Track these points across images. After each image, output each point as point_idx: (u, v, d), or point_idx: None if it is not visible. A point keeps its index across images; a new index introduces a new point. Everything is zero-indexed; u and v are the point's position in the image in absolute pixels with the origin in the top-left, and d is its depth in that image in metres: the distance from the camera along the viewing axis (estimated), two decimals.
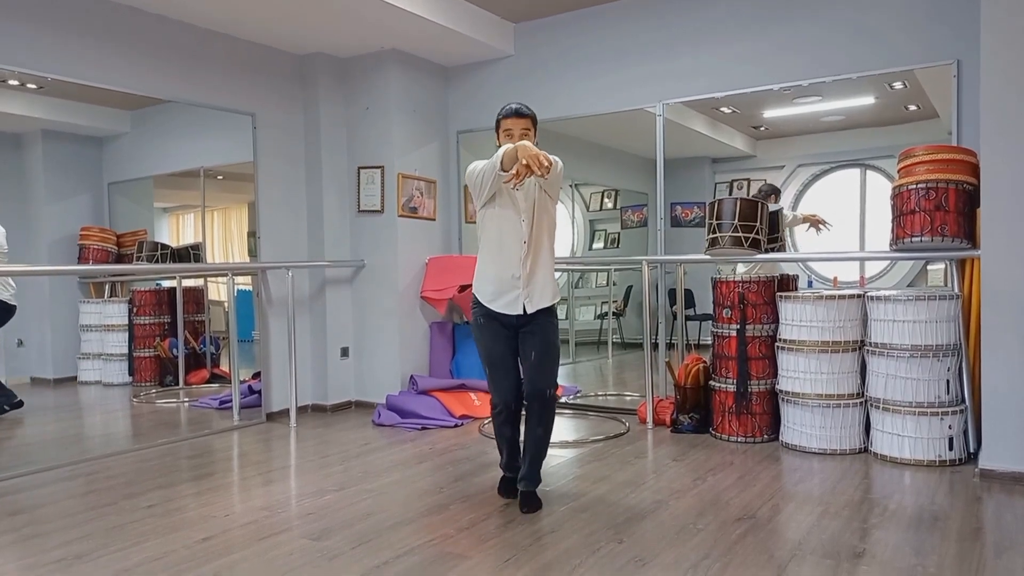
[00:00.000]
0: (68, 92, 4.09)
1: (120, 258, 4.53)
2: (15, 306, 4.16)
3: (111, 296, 4.75)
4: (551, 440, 3.09)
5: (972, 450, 3.55)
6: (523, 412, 3.05)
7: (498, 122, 3.04)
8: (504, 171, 2.81)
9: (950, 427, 3.51)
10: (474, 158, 5.59)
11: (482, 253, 3.07)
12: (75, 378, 4.57)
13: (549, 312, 3.05)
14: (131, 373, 4.79)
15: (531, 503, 2.99)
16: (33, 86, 3.95)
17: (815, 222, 4.54)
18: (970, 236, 3.53)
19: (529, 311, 2.98)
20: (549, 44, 5.10)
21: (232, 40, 4.74)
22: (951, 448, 3.51)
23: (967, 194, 3.53)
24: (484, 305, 3.03)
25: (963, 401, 3.57)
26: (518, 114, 2.99)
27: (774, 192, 4.63)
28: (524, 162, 2.66)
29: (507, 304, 2.98)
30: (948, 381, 3.55)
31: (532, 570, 2.39)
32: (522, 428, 3.07)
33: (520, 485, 3.04)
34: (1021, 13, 3.18)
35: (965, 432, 3.56)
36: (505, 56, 5.25)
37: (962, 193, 3.51)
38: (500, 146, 2.99)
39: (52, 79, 3.90)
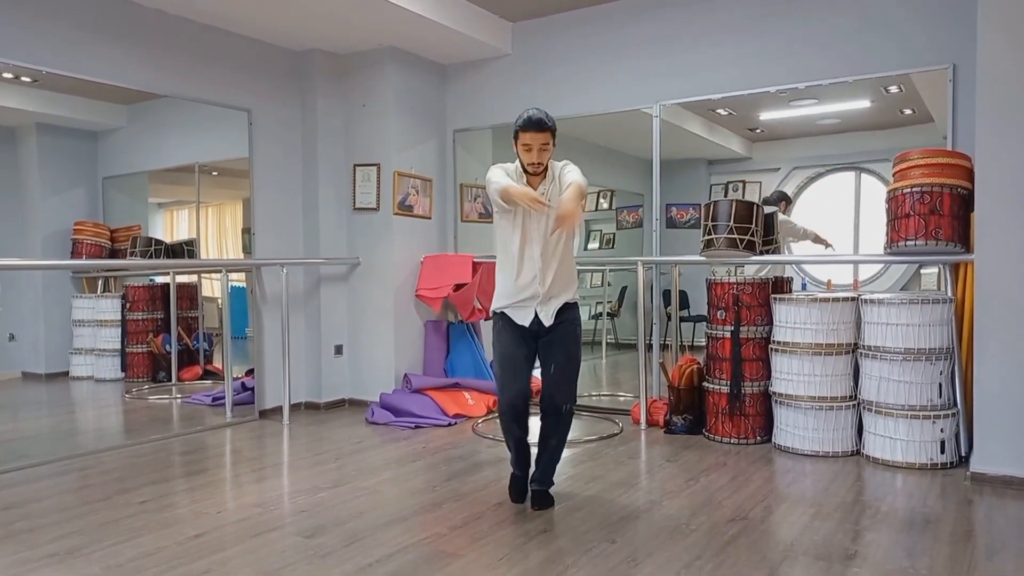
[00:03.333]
0: (63, 86, 4.07)
1: (114, 253, 4.51)
2: None
3: (104, 291, 4.73)
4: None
5: (964, 453, 3.57)
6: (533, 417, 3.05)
7: (516, 132, 2.89)
8: (505, 204, 2.84)
9: (942, 430, 3.53)
10: (471, 157, 5.64)
11: (499, 263, 3.07)
12: (67, 373, 4.54)
13: (573, 318, 3.04)
14: (124, 369, 4.76)
15: (543, 502, 3.03)
16: (28, 79, 3.93)
17: (822, 241, 4.52)
18: (964, 240, 3.55)
19: (546, 323, 2.98)
20: (547, 44, 5.10)
21: (229, 35, 4.73)
22: (943, 451, 3.53)
23: (962, 198, 3.54)
24: (503, 312, 3.04)
25: (955, 404, 3.59)
26: (539, 127, 2.81)
27: (784, 199, 4.59)
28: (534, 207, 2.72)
29: (522, 316, 2.99)
30: (940, 384, 3.56)
31: (525, 569, 2.40)
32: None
33: (532, 485, 3.08)
34: (1017, 18, 3.19)
35: (957, 435, 3.57)
36: (503, 55, 5.25)
37: (957, 197, 3.53)
38: (518, 156, 2.94)
39: (47, 72, 3.88)
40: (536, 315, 2.97)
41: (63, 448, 3.95)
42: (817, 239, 4.55)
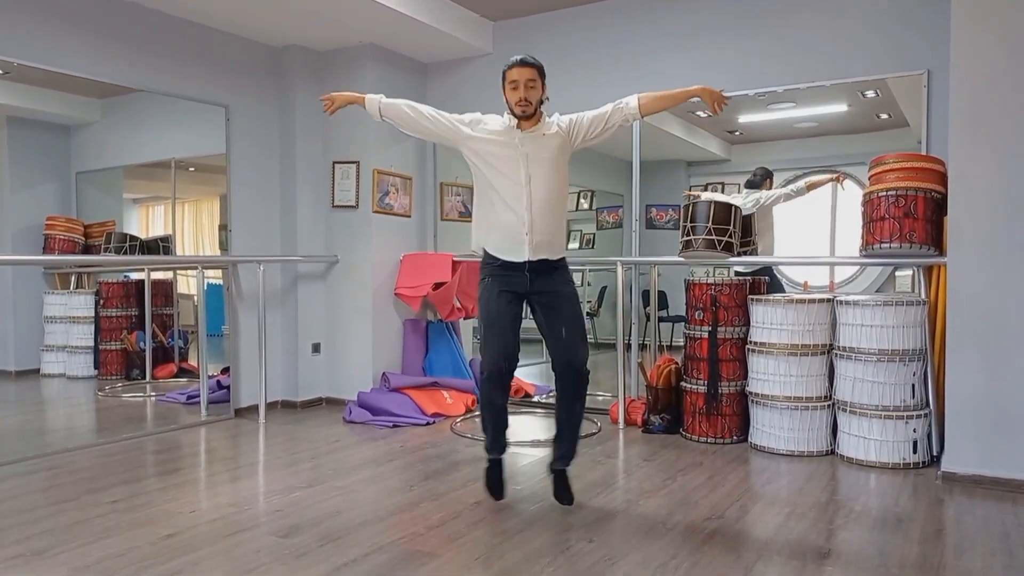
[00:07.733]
0: (35, 78, 4.00)
1: (87, 249, 4.43)
2: None
3: (77, 287, 4.65)
4: (526, 439, 3.11)
5: (935, 453, 3.61)
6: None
7: (504, 74, 2.95)
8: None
9: (915, 430, 3.57)
10: (451, 156, 5.59)
11: (479, 200, 3.02)
12: (38, 371, 4.47)
13: (564, 277, 2.98)
14: (97, 366, 4.69)
15: (567, 494, 2.96)
16: None
17: (822, 183, 4.36)
18: (937, 243, 3.60)
19: (533, 259, 2.88)
20: (528, 43, 5.09)
21: (207, 30, 4.67)
22: (915, 451, 3.57)
23: (935, 202, 3.59)
24: (493, 256, 2.95)
25: (927, 405, 3.64)
26: (523, 63, 2.89)
27: (768, 176, 4.58)
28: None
29: (512, 251, 2.90)
30: (913, 385, 3.61)
31: (501, 569, 2.39)
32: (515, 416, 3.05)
33: (557, 464, 3.01)
34: (989, 25, 3.24)
35: (929, 435, 3.62)
36: (484, 54, 5.24)
37: (930, 201, 3.58)
38: (506, 100, 2.96)
39: (18, 64, 3.80)
40: (525, 250, 2.88)
41: (32, 447, 3.88)
42: (815, 185, 4.38)
